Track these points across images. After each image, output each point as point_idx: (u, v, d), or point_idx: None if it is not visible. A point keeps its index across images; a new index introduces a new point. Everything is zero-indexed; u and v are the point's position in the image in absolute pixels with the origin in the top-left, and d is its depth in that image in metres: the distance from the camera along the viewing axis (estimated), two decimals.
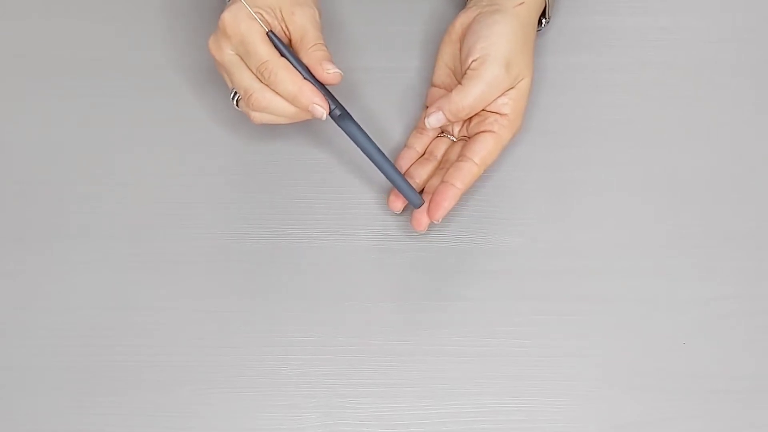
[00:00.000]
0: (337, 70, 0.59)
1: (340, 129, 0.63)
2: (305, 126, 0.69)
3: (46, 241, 0.65)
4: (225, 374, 0.61)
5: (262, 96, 0.59)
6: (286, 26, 0.60)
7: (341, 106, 0.61)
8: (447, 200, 0.62)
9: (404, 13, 0.74)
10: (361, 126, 0.62)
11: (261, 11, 0.59)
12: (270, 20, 0.60)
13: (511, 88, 0.63)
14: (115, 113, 0.70)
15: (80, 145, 0.68)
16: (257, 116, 0.61)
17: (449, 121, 0.64)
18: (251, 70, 0.59)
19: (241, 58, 0.59)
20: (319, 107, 0.59)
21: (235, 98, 0.62)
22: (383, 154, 0.62)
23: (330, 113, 0.60)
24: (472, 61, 0.62)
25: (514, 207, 0.66)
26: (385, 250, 0.65)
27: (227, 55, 0.60)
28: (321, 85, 0.60)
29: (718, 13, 0.74)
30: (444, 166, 0.65)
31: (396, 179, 0.62)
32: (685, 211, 0.66)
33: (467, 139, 0.65)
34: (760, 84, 0.71)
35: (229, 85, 0.62)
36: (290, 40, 0.61)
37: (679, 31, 0.73)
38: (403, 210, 0.65)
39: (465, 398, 0.61)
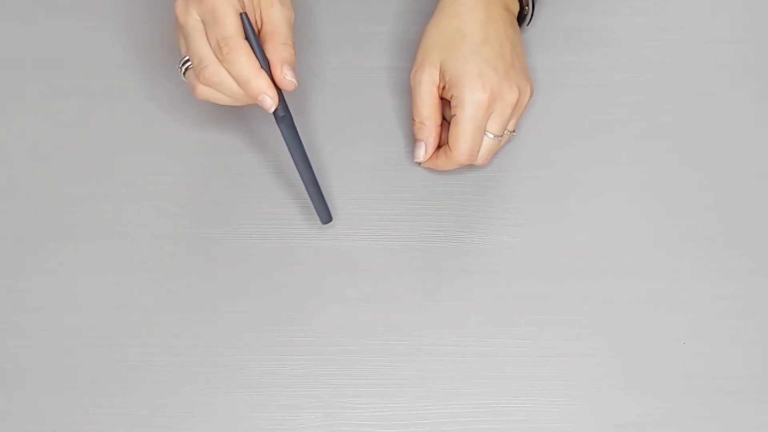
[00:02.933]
0: (293, 80, 0.58)
1: (338, 129, 0.63)
2: (305, 126, 0.69)
3: (46, 241, 0.65)
4: (225, 374, 0.61)
5: (217, 71, 0.57)
6: (261, 16, 0.59)
7: (286, 107, 0.60)
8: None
9: (406, 12, 0.74)
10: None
11: None
12: (247, 4, 0.58)
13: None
14: (115, 113, 0.70)
15: (80, 145, 0.68)
16: (203, 91, 0.59)
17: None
18: (209, 42, 0.57)
19: (205, 27, 0.57)
20: (269, 99, 0.57)
21: (184, 66, 0.60)
22: (310, 164, 0.62)
23: (275, 111, 0.59)
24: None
25: (514, 207, 0.66)
26: (385, 250, 0.65)
27: (192, 18, 0.57)
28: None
29: (718, 13, 0.74)
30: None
31: (313, 192, 0.62)
32: (685, 211, 0.66)
33: None
34: (760, 84, 0.71)
35: (182, 51, 0.59)
36: (260, 32, 0.59)
37: (679, 31, 0.73)
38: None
39: (465, 398, 0.61)
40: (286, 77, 0.58)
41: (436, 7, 0.66)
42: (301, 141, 0.61)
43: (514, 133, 0.66)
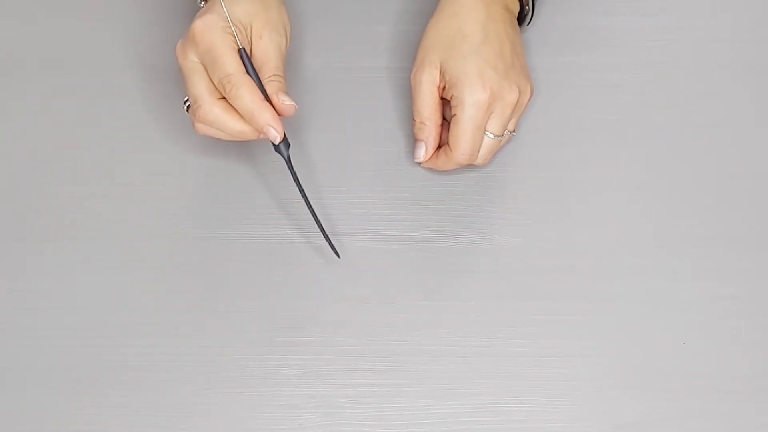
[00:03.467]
0: (292, 103, 0.60)
1: (338, 129, 0.63)
2: (305, 126, 0.69)
3: (46, 241, 0.65)
4: (225, 374, 0.61)
5: (210, 110, 0.59)
6: (251, 47, 0.60)
7: (287, 144, 0.61)
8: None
9: (406, 13, 0.74)
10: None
11: (234, 26, 0.59)
12: (240, 37, 0.59)
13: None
14: (115, 113, 0.70)
15: (80, 145, 0.68)
16: (201, 127, 0.60)
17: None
18: (212, 82, 0.59)
19: (204, 68, 0.59)
20: (273, 130, 0.59)
21: (187, 104, 0.62)
22: (310, 204, 0.62)
23: (279, 147, 0.60)
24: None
25: (514, 207, 0.66)
26: (385, 250, 0.65)
27: (189, 61, 0.59)
28: None
29: (718, 13, 0.74)
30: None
31: (316, 221, 0.62)
32: (684, 211, 0.66)
33: None
34: (760, 84, 0.71)
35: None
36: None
37: (679, 31, 0.73)
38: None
39: (465, 398, 0.61)
40: (285, 102, 0.59)
41: (437, 7, 0.66)
42: (299, 183, 0.62)
43: (514, 133, 0.66)
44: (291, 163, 0.62)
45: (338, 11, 0.74)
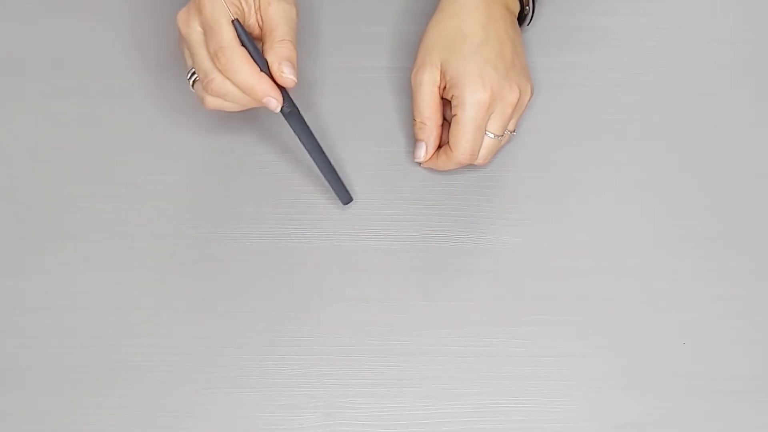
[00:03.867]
0: (292, 77, 0.58)
1: (339, 129, 0.63)
2: None
3: (46, 241, 0.65)
4: (225, 374, 0.61)
5: (223, 83, 0.57)
6: (261, 16, 0.59)
7: (292, 102, 0.60)
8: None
9: (406, 12, 0.74)
10: (309, 124, 0.62)
11: None
12: (246, 8, 0.58)
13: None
14: (115, 113, 0.70)
15: (80, 145, 0.68)
16: (212, 102, 0.59)
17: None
18: (209, 53, 0.57)
19: (205, 39, 0.58)
20: (273, 100, 0.58)
21: (192, 79, 0.61)
22: (323, 151, 0.63)
23: (281, 109, 0.59)
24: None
25: (514, 207, 0.66)
26: (385, 250, 0.65)
27: (194, 31, 0.58)
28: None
29: (718, 13, 0.74)
30: None
31: (330, 176, 0.64)
32: (684, 211, 0.66)
33: None
34: (760, 84, 0.71)
35: (189, 63, 0.60)
36: (261, 31, 0.59)
37: (679, 31, 0.73)
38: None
39: (465, 398, 0.61)
40: (284, 74, 0.58)
41: (437, 7, 0.66)
42: (311, 131, 0.62)
43: (514, 133, 0.66)
44: (301, 117, 0.61)
45: (338, 11, 0.74)
